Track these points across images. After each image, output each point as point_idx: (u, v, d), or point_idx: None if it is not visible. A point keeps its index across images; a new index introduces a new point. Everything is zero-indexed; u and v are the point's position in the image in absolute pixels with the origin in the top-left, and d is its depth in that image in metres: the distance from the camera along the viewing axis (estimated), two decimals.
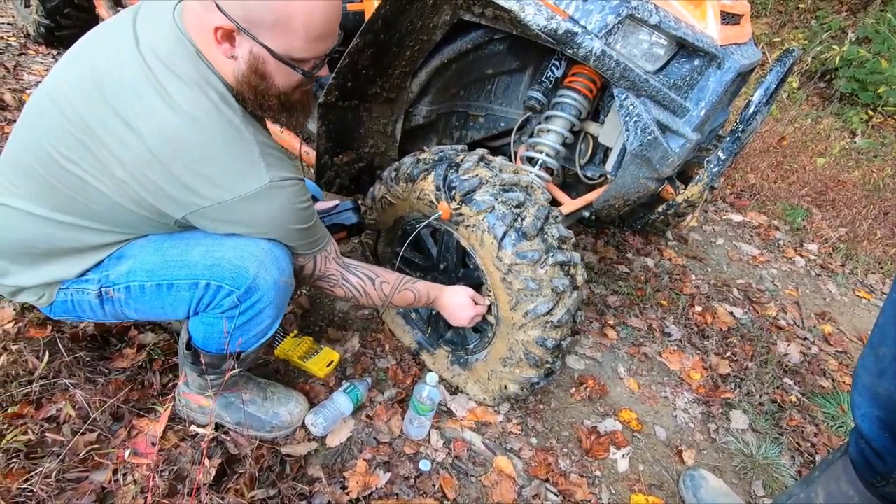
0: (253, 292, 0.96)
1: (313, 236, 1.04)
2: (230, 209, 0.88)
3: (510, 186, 1.25)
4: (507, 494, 1.31)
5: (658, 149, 1.33)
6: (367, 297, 1.20)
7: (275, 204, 0.91)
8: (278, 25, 0.81)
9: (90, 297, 0.96)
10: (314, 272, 1.11)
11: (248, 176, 0.87)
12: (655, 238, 2.56)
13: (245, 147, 0.87)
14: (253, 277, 0.94)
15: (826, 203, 3.30)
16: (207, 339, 1.04)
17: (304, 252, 1.05)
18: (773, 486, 1.53)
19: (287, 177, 0.92)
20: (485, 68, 1.58)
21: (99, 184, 0.86)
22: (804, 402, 1.85)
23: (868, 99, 4.72)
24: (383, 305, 1.25)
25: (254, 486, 1.14)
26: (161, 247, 0.95)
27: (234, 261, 0.93)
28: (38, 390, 1.15)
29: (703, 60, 1.33)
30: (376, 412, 1.42)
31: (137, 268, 0.95)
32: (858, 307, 2.51)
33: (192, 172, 0.84)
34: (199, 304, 0.97)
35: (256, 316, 1.00)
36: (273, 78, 0.88)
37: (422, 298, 1.31)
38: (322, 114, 1.44)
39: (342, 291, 1.17)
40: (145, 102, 0.82)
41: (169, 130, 0.82)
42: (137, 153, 0.83)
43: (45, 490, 1.01)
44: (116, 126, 0.83)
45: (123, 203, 0.88)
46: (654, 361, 1.86)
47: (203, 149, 0.84)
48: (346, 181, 1.67)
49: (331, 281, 1.14)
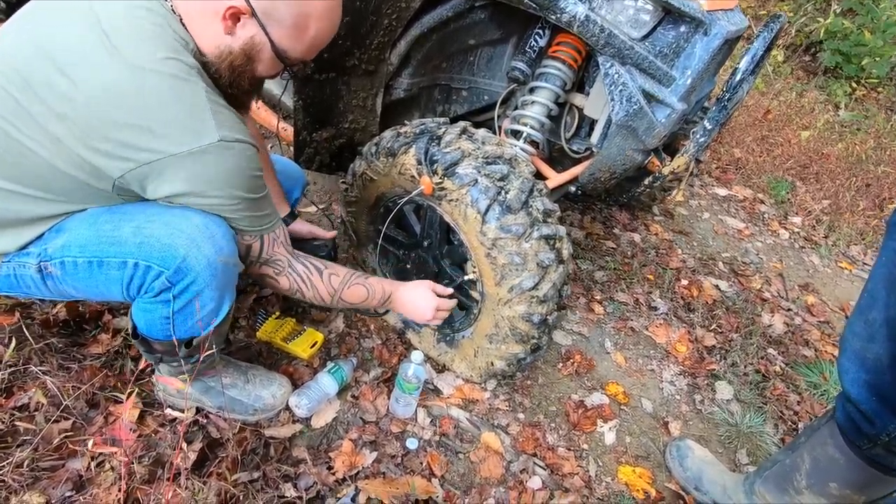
0: (184, 273, 0.89)
1: (262, 211, 0.97)
2: (171, 167, 0.81)
3: (493, 159, 1.21)
4: (495, 470, 1.31)
5: (644, 119, 1.31)
6: (313, 290, 1.11)
7: (222, 166, 0.84)
8: (293, 28, 0.89)
9: (31, 271, 0.91)
10: (260, 254, 1.02)
11: (194, 131, 0.81)
12: (642, 213, 2.56)
13: (194, 101, 0.82)
14: (183, 257, 0.87)
15: (810, 176, 3.32)
16: (150, 325, 0.97)
17: (251, 229, 0.97)
18: (757, 454, 1.56)
19: (239, 138, 0.85)
20: (467, 38, 1.53)
21: (37, 146, 0.81)
22: (788, 371, 1.87)
23: (852, 72, 4.72)
24: (332, 301, 1.15)
25: (237, 468, 1.12)
26: (96, 220, 0.89)
27: (164, 238, 0.86)
28: (6, 378, 1.12)
29: (690, 26, 1.29)
30: (362, 392, 1.40)
31: (72, 242, 0.89)
32: (840, 278, 2.54)
33: (131, 125, 0.78)
34: (131, 285, 0.90)
35: (194, 299, 0.93)
36: (259, 64, 0.92)
37: (375, 295, 1.22)
38: (298, 87, 1.38)
39: (287, 282, 1.08)
40: (87, 53, 0.78)
41: (108, 80, 0.77)
42: (73, 105, 0.78)
43: (18, 479, 0.98)
44: (54, 78, 0.78)
45: (61, 166, 0.82)
46: (640, 335, 1.87)
47: (144, 98, 0.78)
48: (325, 158, 1.62)
49: (277, 267, 1.06)
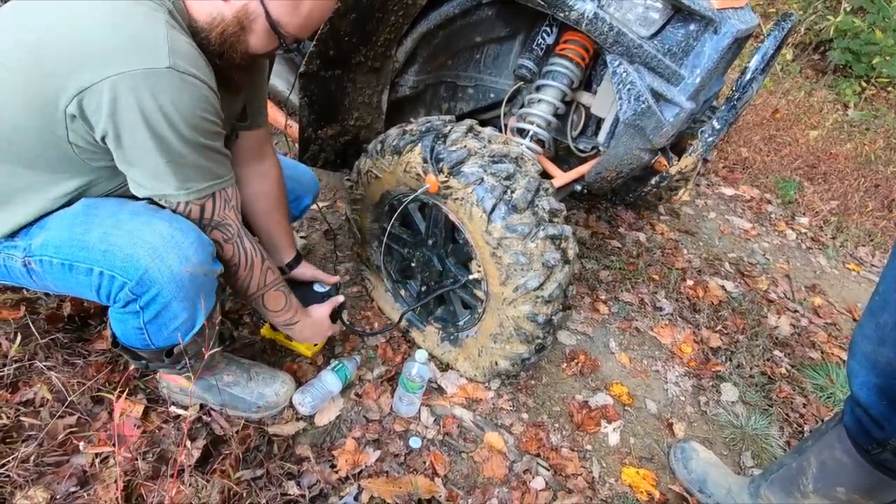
0: (147, 286, 0.87)
1: (213, 161, 0.90)
2: (112, 90, 0.75)
3: (499, 158, 1.20)
4: (498, 470, 1.31)
5: (652, 118, 1.29)
6: (248, 272, 1.05)
7: (168, 96, 0.77)
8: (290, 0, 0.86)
9: (18, 264, 0.91)
10: (212, 216, 0.94)
11: (144, 52, 0.76)
12: (647, 213, 2.54)
13: (147, 23, 0.78)
14: (144, 269, 0.85)
15: (818, 176, 3.29)
16: (126, 335, 0.97)
17: (196, 185, 0.89)
18: (762, 457, 1.55)
19: (195, 74, 0.80)
20: (473, 36, 1.52)
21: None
22: (794, 373, 1.86)
23: (862, 71, 4.67)
24: (253, 295, 1.09)
25: (240, 466, 1.12)
26: (73, 221, 0.88)
27: (126, 249, 0.85)
28: (11, 374, 1.12)
29: (700, 25, 1.28)
30: (365, 390, 1.40)
31: (49, 241, 0.88)
32: (848, 280, 2.52)
33: (75, 47, 0.76)
34: (100, 292, 0.90)
35: (163, 311, 0.91)
36: (251, 35, 0.88)
37: (289, 311, 1.18)
38: (303, 84, 1.38)
39: (231, 251, 1.00)
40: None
41: (59, 12, 0.78)
42: (22, 44, 0.78)
43: (23, 474, 0.98)
44: (9, 15, 0.80)
45: (17, 111, 0.79)
46: (645, 336, 1.86)
47: (88, 22, 0.77)
48: (331, 156, 1.62)
49: (226, 232, 0.98)
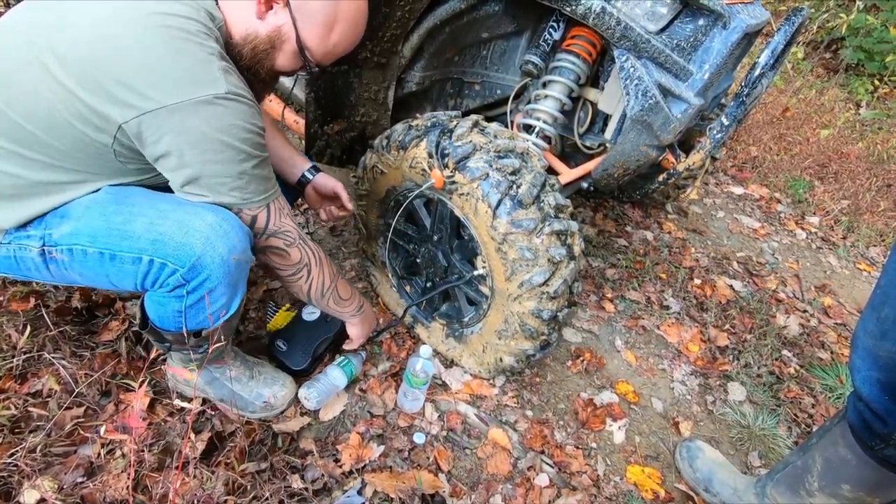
0: (199, 271, 0.90)
1: (264, 173, 0.94)
2: (177, 116, 0.80)
3: (505, 153, 1.20)
4: (503, 466, 1.30)
5: (659, 114, 1.28)
6: (320, 270, 1.11)
7: (227, 118, 0.83)
8: (321, 27, 0.94)
9: (33, 254, 0.91)
10: (267, 225, 0.99)
11: (202, 81, 0.81)
12: (655, 211, 2.52)
13: (204, 54, 0.82)
14: (198, 255, 0.88)
15: (829, 175, 3.25)
16: (162, 318, 0.99)
17: (256, 197, 0.94)
18: (770, 457, 1.53)
19: (246, 96, 0.86)
20: (480, 31, 1.51)
21: (39, 90, 0.80)
22: (802, 373, 1.84)
23: (875, 69, 4.61)
24: (329, 288, 1.15)
25: (244, 459, 1.13)
26: (105, 210, 0.89)
27: (178, 237, 0.87)
28: (20, 364, 1.13)
29: (709, 19, 1.27)
30: (370, 385, 1.40)
31: (81, 230, 0.89)
32: (859, 279, 2.49)
33: (135, 70, 0.79)
34: (146, 280, 0.91)
35: (208, 295, 0.94)
36: (279, 54, 0.96)
37: (355, 297, 1.27)
38: (310, 80, 1.38)
39: (298, 254, 1.05)
40: (96, 9, 0.81)
41: (115, 24, 0.80)
42: (77, 48, 0.79)
43: (31, 464, 0.99)
44: (60, 22, 0.81)
45: (62, 112, 0.81)
46: (652, 334, 1.84)
47: (150, 48, 0.80)
48: (337, 151, 1.62)
49: (287, 238, 1.02)
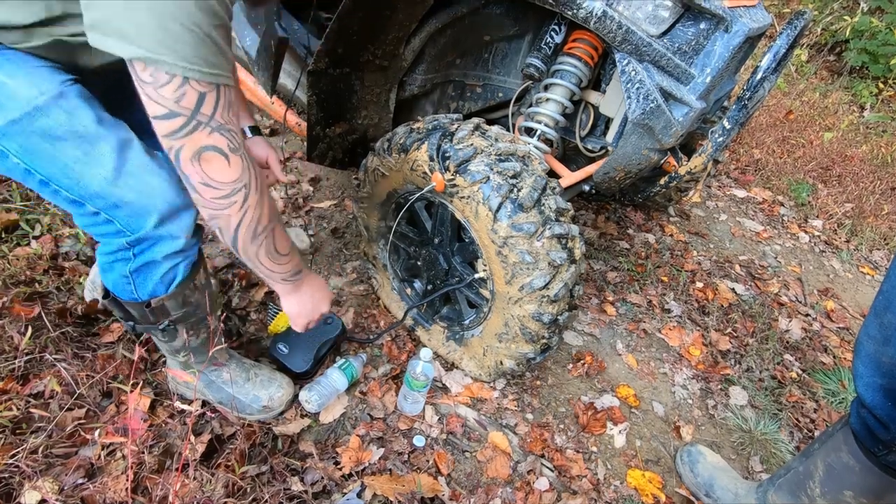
0: (146, 240, 0.90)
1: (220, 42, 0.76)
2: None
3: (506, 156, 1.20)
4: (502, 470, 1.30)
5: (661, 117, 1.28)
6: (259, 197, 0.87)
7: None
8: None
9: None
10: (214, 113, 0.77)
11: None
12: (657, 214, 2.52)
13: None
14: (154, 224, 0.88)
15: (832, 178, 3.24)
16: (115, 284, 0.98)
17: (206, 67, 0.74)
18: (772, 462, 1.53)
19: None
20: (482, 34, 1.51)
21: None
22: (804, 378, 1.83)
23: (879, 72, 4.59)
24: (267, 227, 0.92)
25: (244, 461, 1.13)
26: (44, 126, 0.82)
27: (135, 203, 0.86)
28: (22, 366, 1.14)
29: (710, 23, 1.27)
30: (370, 388, 1.40)
31: (10, 133, 0.81)
32: (862, 283, 2.48)
33: None
34: (84, 223, 0.90)
35: (150, 263, 0.92)
36: None
37: (294, 257, 1.03)
38: (312, 82, 1.38)
39: (239, 166, 0.82)
40: None
41: None
42: None
43: (32, 465, 0.99)
44: None
45: None
46: (653, 337, 1.84)
47: None
48: (338, 154, 1.62)
49: (233, 141, 0.80)
